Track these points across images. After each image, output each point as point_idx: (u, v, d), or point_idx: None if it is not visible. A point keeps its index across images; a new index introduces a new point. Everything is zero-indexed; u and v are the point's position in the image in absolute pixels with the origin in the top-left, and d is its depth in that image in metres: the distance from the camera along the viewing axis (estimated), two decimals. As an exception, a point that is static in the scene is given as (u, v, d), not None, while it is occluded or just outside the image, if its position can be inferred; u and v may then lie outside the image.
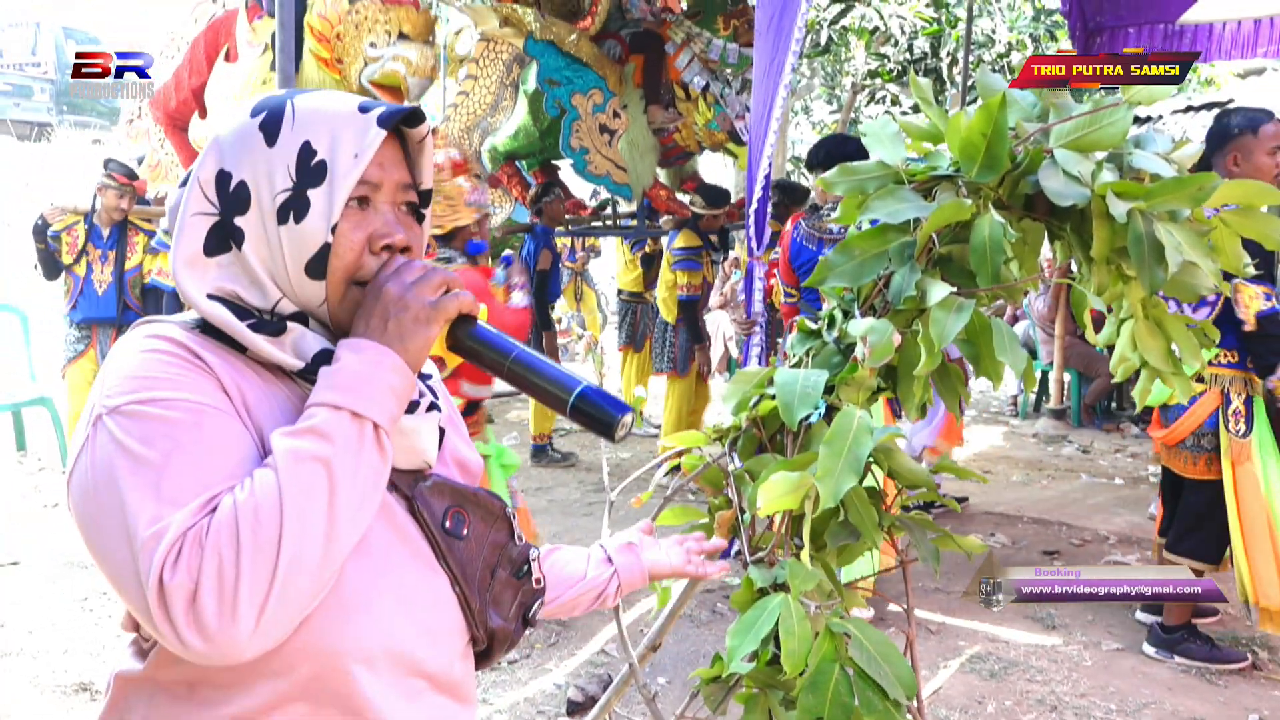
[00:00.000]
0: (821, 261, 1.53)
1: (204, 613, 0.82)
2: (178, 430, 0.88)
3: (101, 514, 0.87)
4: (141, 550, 0.83)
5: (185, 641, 0.83)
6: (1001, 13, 10.55)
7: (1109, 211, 1.43)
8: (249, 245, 0.97)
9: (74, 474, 0.90)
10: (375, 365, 0.94)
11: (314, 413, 0.91)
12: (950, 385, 1.59)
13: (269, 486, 0.86)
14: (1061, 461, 6.75)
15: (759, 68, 3.95)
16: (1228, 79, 11.18)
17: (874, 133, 1.63)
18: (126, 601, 0.87)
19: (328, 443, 0.89)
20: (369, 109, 0.99)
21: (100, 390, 0.92)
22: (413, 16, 5.18)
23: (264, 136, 0.98)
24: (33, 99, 17.21)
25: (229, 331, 0.96)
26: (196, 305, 0.97)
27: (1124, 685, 3.41)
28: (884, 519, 1.50)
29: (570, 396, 1.01)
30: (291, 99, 1.01)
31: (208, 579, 0.83)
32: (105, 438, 0.88)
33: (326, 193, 0.97)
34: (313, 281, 0.98)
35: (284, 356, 0.97)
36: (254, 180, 0.97)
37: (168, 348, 0.93)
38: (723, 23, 6.42)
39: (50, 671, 3.43)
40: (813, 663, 1.37)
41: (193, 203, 0.98)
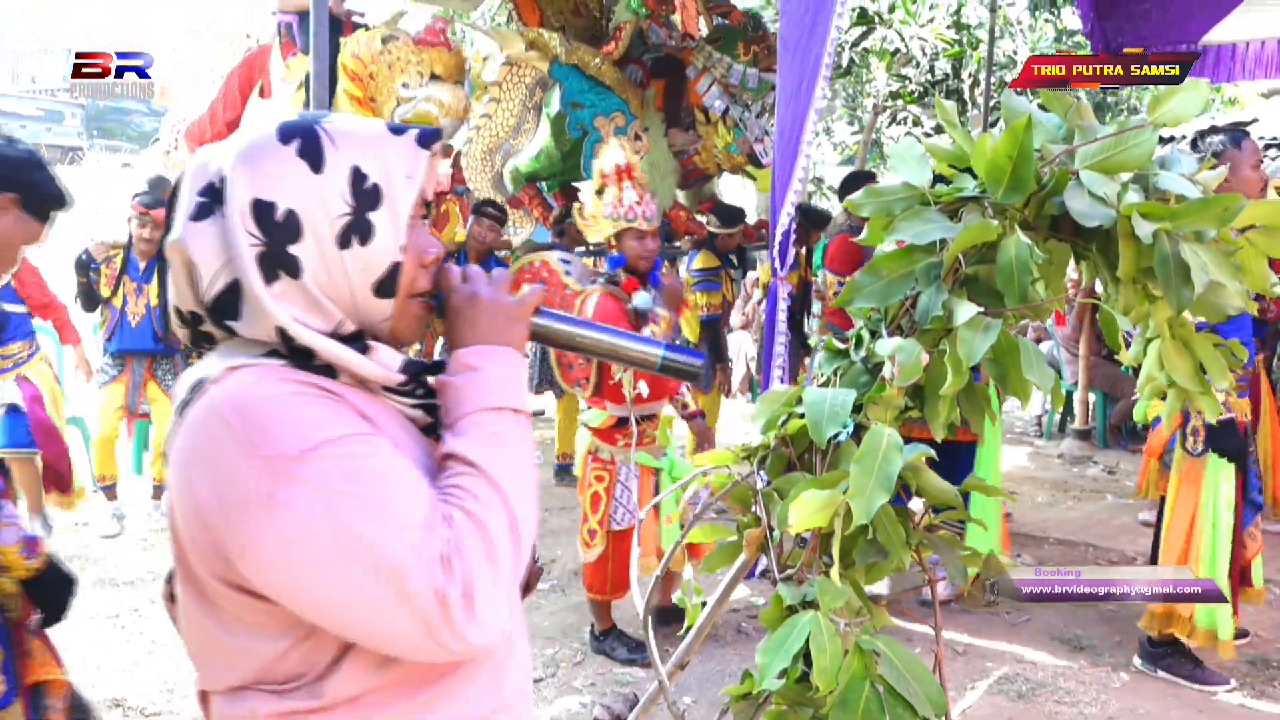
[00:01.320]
0: (849, 282, 1.55)
1: (478, 607, 0.91)
2: (370, 462, 0.93)
3: (335, 560, 0.89)
4: (409, 573, 0.89)
5: (466, 638, 0.91)
6: (1023, 34, 10.56)
7: (1135, 232, 1.44)
8: (308, 273, 0.98)
9: (263, 529, 0.89)
10: (509, 366, 1.05)
11: (487, 418, 1.00)
12: (977, 404, 1.60)
13: (488, 489, 0.96)
14: (1087, 482, 6.71)
15: (784, 90, 3.98)
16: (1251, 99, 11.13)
17: (899, 154, 1.65)
18: (376, 632, 0.91)
19: (509, 443, 1.00)
20: (400, 131, 1.03)
21: (254, 442, 0.90)
22: (445, 58, 5.26)
23: (308, 165, 0.98)
24: (64, 124, 17.48)
25: (328, 357, 0.99)
26: (298, 335, 0.97)
27: (1153, 707, 3.38)
28: (912, 537, 1.51)
29: (658, 354, 1.17)
30: (318, 124, 1.02)
31: (477, 579, 0.91)
32: (301, 488, 0.89)
33: (389, 214, 1.00)
34: (380, 300, 1.02)
35: (383, 372, 1.01)
36: (304, 209, 0.97)
37: (299, 389, 0.95)
38: (743, 48, 6.47)
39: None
40: (843, 680, 1.38)
41: (240, 237, 0.96)
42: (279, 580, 0.91)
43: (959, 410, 1.57)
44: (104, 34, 17.60)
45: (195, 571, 0.97)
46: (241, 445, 0.91)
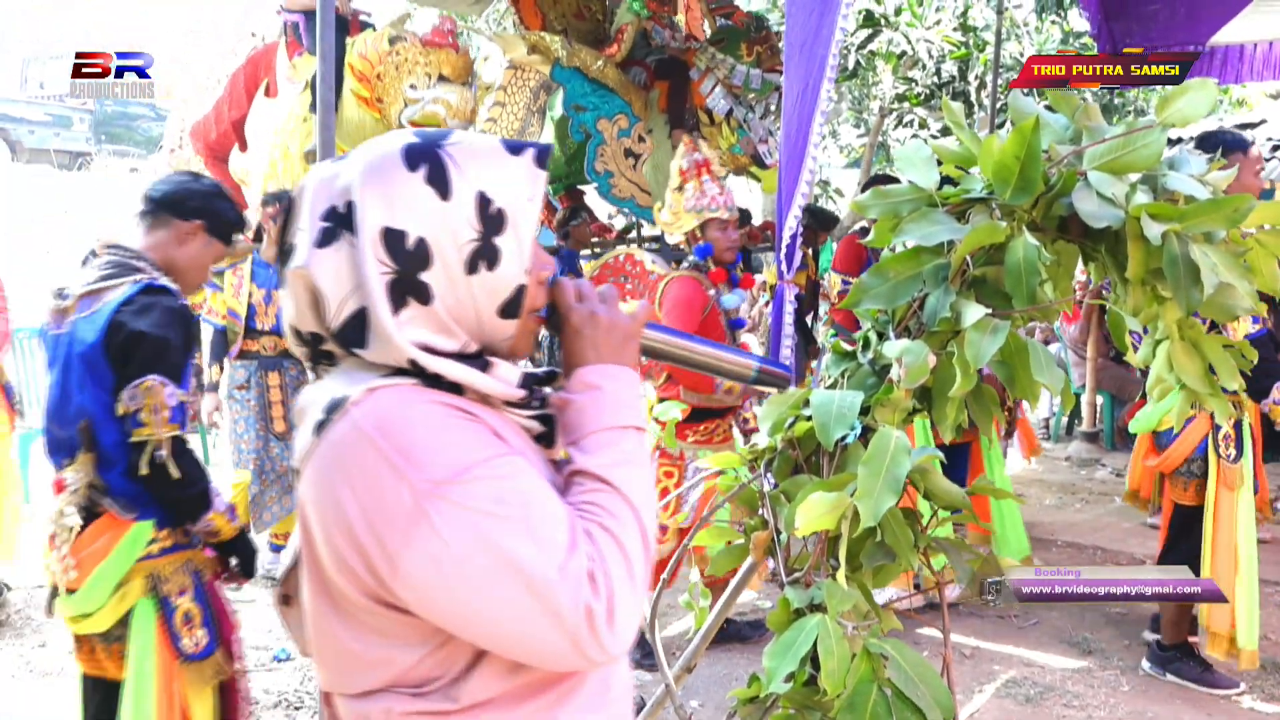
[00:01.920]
0: (856, 284, 1.54)
1: (619, 620, 0.95)
2: (515, 483, 0.96)
3: (486, 580, 0.93)
4: (559, 594, 0.93)
5: (608, 649, 0.95)
6: (1030, 36, 10.55)
7: (1144, 233, 1.44)
8: (438, 299, 1.00)
9: (414, 550, 0.92)
10: (630, 385, 1.09)
11: (614, 437, 1.04)
12: (985, 407, 1.59)
13: (623, 507, 1.00)
14: (1095, 485, 6.69)
15: (790, 93, 3.98)
16: (1259, 100, 11.10)
17: (906, 156, 1.65)
18: (524, 646, 0.95)
19: (636, 461, 1.05)
20: (518, 149, 1.05)
21: (402, 463, 0.93)
22: (453, 59, 5.26)
23: (436, 191, 0.99)
24: (72, 129, 17.52)
25: (459, 379, 1.01)
26: (427, 365, 0.99)
27: (1162, 711, 3.37)
28: (920, 540, 1.50)
29: (752, 371, 1.29)
30: (442, 147, 1.02)
31: (620, 595, 0.95)
32: (453, 511, 0.93)
33: (514, 239, 1.02)
34: (505, 321, 1.04)
35: (506, 389, 1.04)
36: (434, 236, 0.99)
37: (443, 410, 0.98)
38: (746, 49, 6.46)
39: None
40: (850, 684, 1.38)
41: (370, 266, 0.97)
42: (431, 599, 0.95)
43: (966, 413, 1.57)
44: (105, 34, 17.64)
45: (334, 585, 1.00)
46: (393, 468, 0.93)
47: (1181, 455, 3.47)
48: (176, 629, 2.23)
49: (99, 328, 2.13)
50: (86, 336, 2.15)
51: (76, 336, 2.17)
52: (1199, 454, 3.43)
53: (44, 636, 3.95)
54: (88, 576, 2.19)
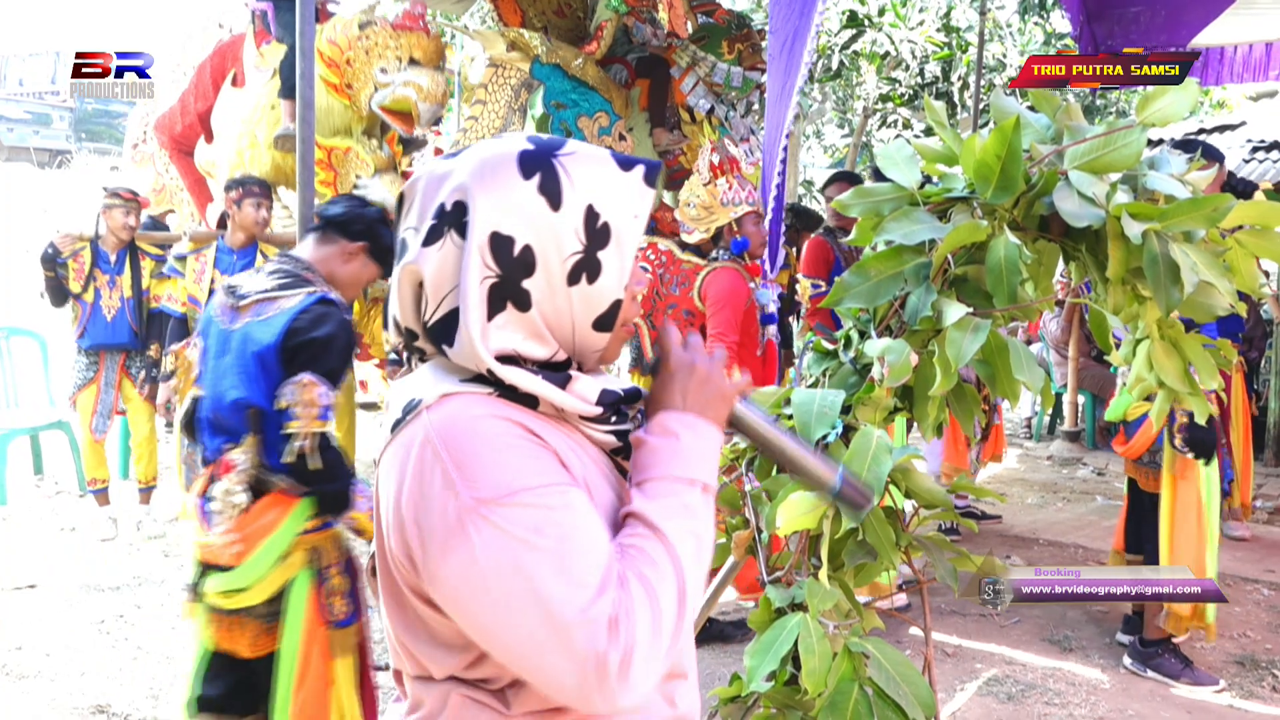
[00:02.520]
0: (838, 282, 1.54)
1: (634, 675, 0.92)
2: (560, 516, 0.95)
3: (511, 604, 0.92)
4: (576, 635, 0.91)
5: (615, 702, 0.93)
6: (1013, 37, 10.60)
7: (1124, 232, 1.44)
8: (536, 306, 1.00)
9: (450, 561, 0.94)
10: (709, 440, 1.07)
11: (678, 488, 1.02)
12: (965, 406, 1.60)
13: (667, 561, 0.98)
14: (1076, 484, 6.72)
15: (773, 92, 3.98)
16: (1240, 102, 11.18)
17: (889, 156, 1.65)
18: (536, 676, 0.94)
19: (695, 517, 1.02)
20: (629, 165, 1.05)
21: (457, 476, 0.94)
22: (424, 42, 5.21)
23: (548, 202, 1.00)
24: (52, 126, 17.39)
25: (534, 391, 1.00)
26: (503, 375, 0.99)
27: (1143, 708, 3.38)
28: (901, 538, 1.50)
29: (834, 482, 1.19)
30: (556, 157, 1.02)
31: (640, 649, 0.93)
32: (492, 532, 0.93)
33: (616, 254, 1.02)
34: (598, 334, 1.05)
35: (582, 405, 1.03)
36: (540, 245, 0.99)
37: (509, 429, 0.98)
38: (727, 46, 6.46)
39: (68, 694, 3.44)
40: (831, 682, 1.38)
41: (474, 268, 0.98)
42: (458, 606, 0.96)
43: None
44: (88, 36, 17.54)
45: (396, 574, 1.02)
46: (446, 478, 0.95)
47: (1144, 445, 3.60)
48: (326, 599, 2.42)
49: (277, 331, 2.32)
50: (263, 338, 2.34)
51: (251, 336, 2.36)
52: (1159, 444, 3.53)
53: (20, 639, 3.91)
54: (252, 551, 2.33)
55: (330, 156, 5.09)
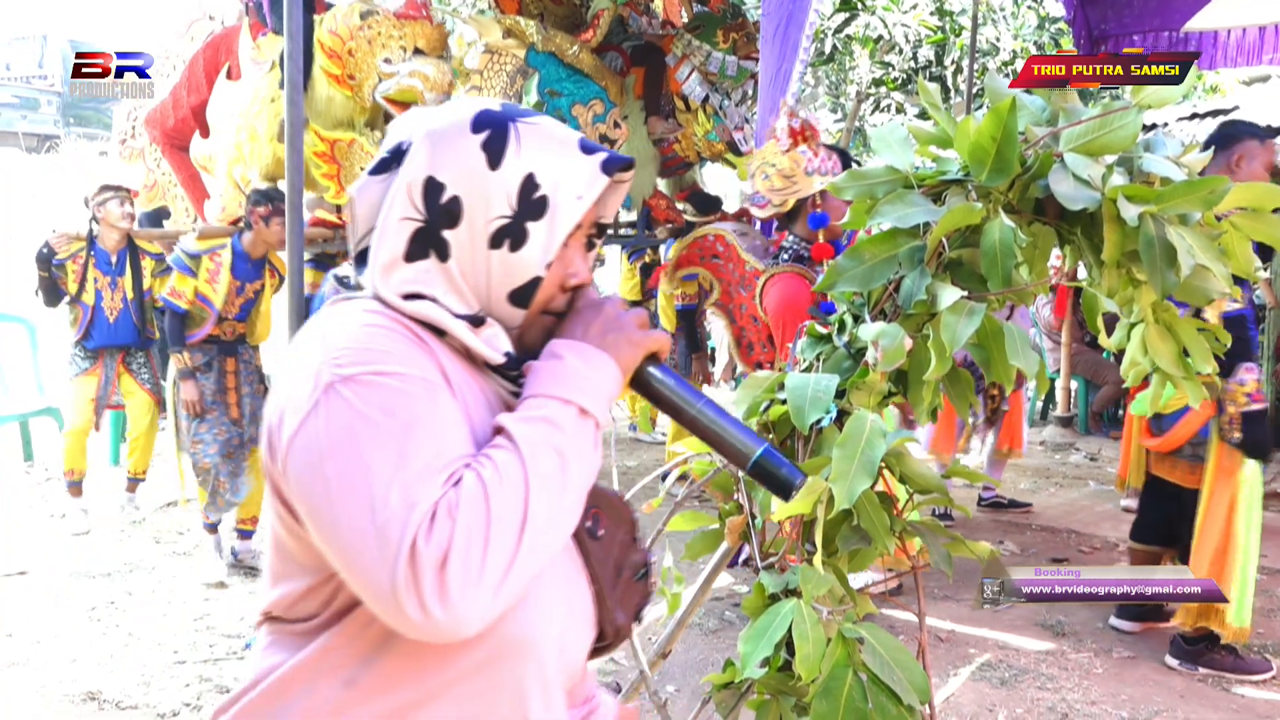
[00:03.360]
0: (831, 266, 1.53)
1: (450, 581, 0.84)
2: (415, 403, 0.90)
3: (339, 479, 0.87)
4: (391, 517, 0.85)
5: (427, 607, 0.84)
6: (1006, 20, 10.56)
7: (1120, 215, 1.43)
8: (455, 260, 0.99)
9: (299, 437, 0.90)
10: (599, 369, 0.99)
11: (544, 403, 0.95)
12: (960, 390, 1.59)
13: (514, 467, 0.90)
14: (1069, 469, 6.73)
15: (764, 75, 3.96)
16: (1233, 86, 11.18)
17: (883, 138, 1.63)
18: (354, 568, 0.87)
19: (562, 433, 0.94)
20: (591, 150, 1.02)
21: (325, 358, 0.92)
22: (427, 31, 5.16)
23: (487, 158, 0.98)
24: (39, 111, 17.27)
25: (434, 320, 0.98)
26: (398, 306, 0.98)
27: (1135, 693, 3.39)
28: (895, 524, 1.49)
29: (753, 454, 1.07)
30: (515, 122, 1.01)
31: (458, 549, 0.85)
32: (341, 405, 0.89)
33: (547, 229, 0.99)
34: (512, 308, 1.01)
35: (486, 349, 1.00)
36: (469, 199, 0.98)
37: (390, 324, 0.95)
38: (722, 35, 6.43)
39: (58, 681, 3.43)
40: (825, 668, 1.37)
41: (398, 206, 0.98)
42: (298, 490, 0.91)
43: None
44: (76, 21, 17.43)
45: (271, 483, 0.99)
46: (318, 358, 0.92)
47: (1183, 438, 3.46)
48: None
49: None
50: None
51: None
52: (1204, 435, 3.41)
53: (10, 626, 3.90)
54: None
55: (334, 149, 5.05)
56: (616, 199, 1.09)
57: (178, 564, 4.60)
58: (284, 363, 0.99)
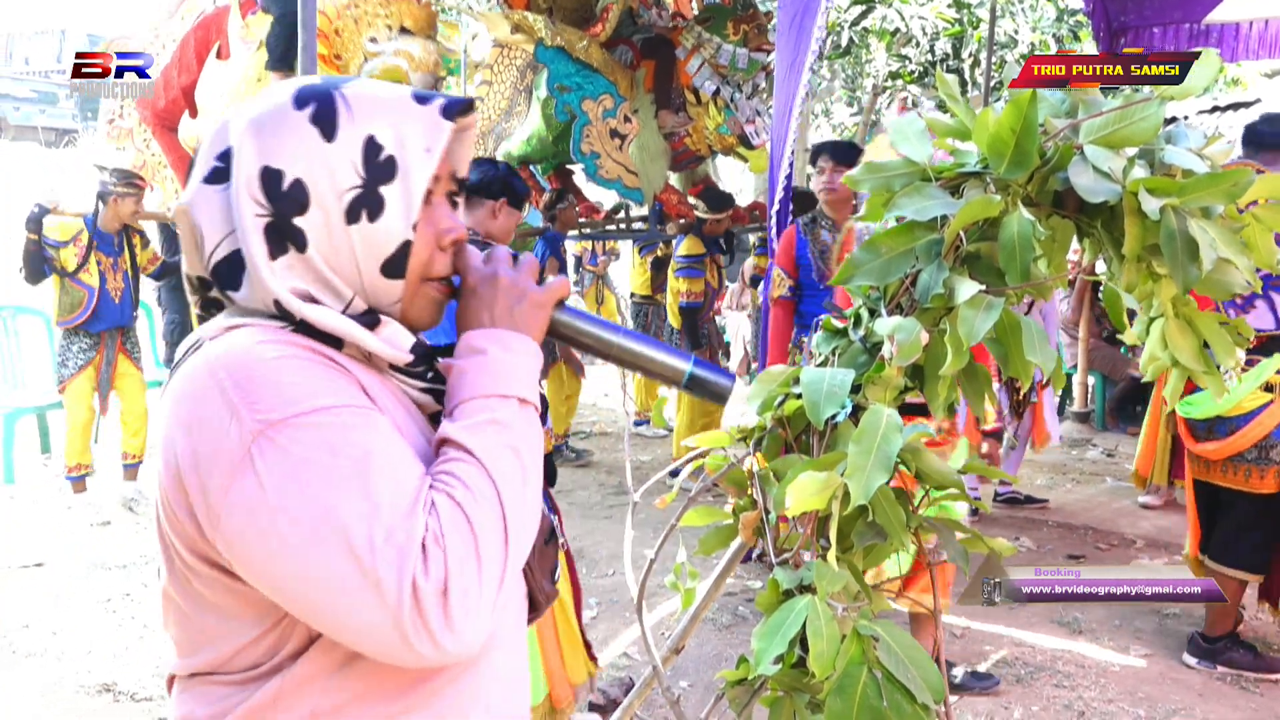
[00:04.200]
0: (847, 259, 1.51)
1: (454, 609, 0.83)
2: (358, 435, 0.86)
3: (305, 537, 0.82)
4: (382, 562, 0.81)
5: (438, 641, 0.83)
6: (1024, 13, 10.49)
7: (1141, 208, 1.41)
8: (313, 246, 0.92)
9: (233, 496, 0.84)
10: (522, 354, 0.97)
11: (484, 404, 0.93)
12: (977, 385, 1.57)
13: (482, 479, 0.88)
14: (1086, 465, 6.69)
15: (781, 69, 3.94)
16: (1254, 79, 11.07)
17: (899, 130, 1.61)
18: (345, 619, 0.83)
19: (510, 431, 0.93)
20: (427, 100, 0.97)
21: (238, 402, 0.85)
22: (414, 10, 5.14)
23: (319, 131, 0.92)
24: (58, 106, 17.37)
25: (331, 329, 0.92)
26: (294, 309, 0.92)
27: (1153, 691, 3.37)
28: (911, 519, 1.48)
29: (685, 371, 1.08)
30: (338, 89, 0.95)
31: (455, 576, 0.83)
32: (278, 455, 0.83)
33: (402, 189, 0.93)
34: (388, 280, 0.96)
35: (390, 351, 0.95)
36: (312, 178, 0.92)
37: (297, 353, 0.89)
38: (732, 27, 6.41)
39: (74, 673, 3.45)
40: (840, 665, 1.35)
41: (245, 206, 0.91)
42: (246, 553, 0.85)
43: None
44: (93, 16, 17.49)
45: (170, 540, 0.93)
46: (229, 405, 0.85)
47: (1252, 440, 3.31)
48: None
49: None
50: None
51: None
52: (1277, 439, 3.29)
53: (26, 617, 3.92)
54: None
55: None
56: (465, 149, 1.03)
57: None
58: (170, 406, 0.90)
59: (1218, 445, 3.38)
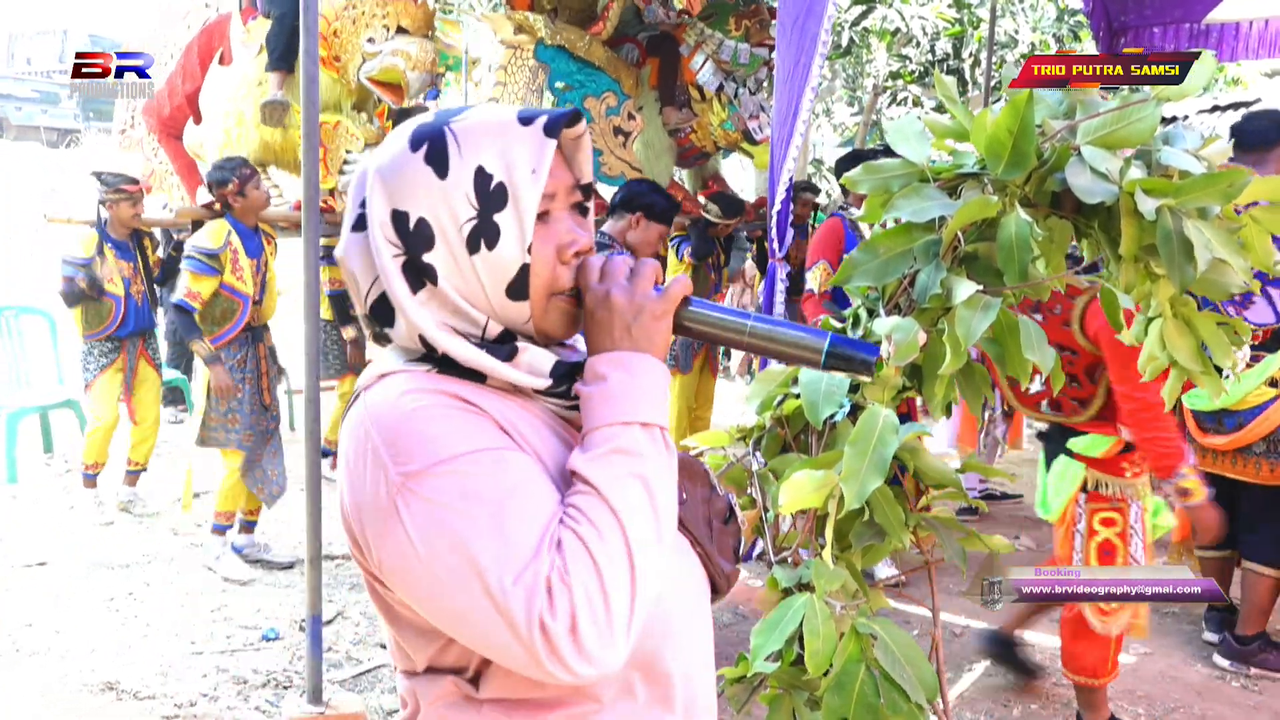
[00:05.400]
0: (846, 260, 1.52)
1: (586, 641, 0.86)
2: (493, 480, 0.90)
3: (448, 578, 0.88)
4: (512, 603, 0.86)
5: (574, 671, 0.87)
6: (1024, 13, 10.49)
7: (1138, 209, 1.42)
8: (444, 279, 0.96)
9: (387, 543, 0.91)
10: (645, 375, 0.97)
11: (608, 433, 0.94)
12: (974, 385, 1.58)
13: (604, 513, 0.91)
14: (1086, 464, 6.69)
15: (782, 68, 3.94)
16: (1254, 78, 11.07)
17: (899, 131, 1.62)
18: (491, 649, 0.90)
19: (636, 458, 0.94)
20: (530, 119, 0.99)
21: (385, 454, 0.91)
22: (411, 10, 5.14)
23: (434, 170, 0.96)
24: (60, 106, 17.37)
25: (474, 365, 0.97)
26: (438, 342, 0.96)
27: (1152, 689, 3.38)
28: (910, 518, 1.49)
29: (823, 349, 1.02)
30: (448, 124, 0.99)
31: (583, 611, 0.86)
32: (420, 504, 0.89)
33: (514, 215, 0.96)
34: (515, 303, 0.98)
35: (529, 379, 0.98)
36: (434, 216, 0.96)
37: (437, 400, 0.94)
38: (734, 23, 6.41)
39: (77, 671, 3.46)
40: (838, 663, 1.37)
41: (383, 247, 0.97)
42: (406, 593, 0.94)
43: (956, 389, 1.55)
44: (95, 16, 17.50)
45: (360, 561, 1.00)
46: (376, 458, 0.92)
47: (1262, 433, 3.35)
48: None
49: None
50: None
51: None
52: None
53: (30, 616, 3.94)
54: None
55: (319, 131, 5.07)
56: (583, 155, 1.05)
57: (195, 555, 4.63)
58: (340, 456, 0.99)
59: (1226, 439, 3.42)
